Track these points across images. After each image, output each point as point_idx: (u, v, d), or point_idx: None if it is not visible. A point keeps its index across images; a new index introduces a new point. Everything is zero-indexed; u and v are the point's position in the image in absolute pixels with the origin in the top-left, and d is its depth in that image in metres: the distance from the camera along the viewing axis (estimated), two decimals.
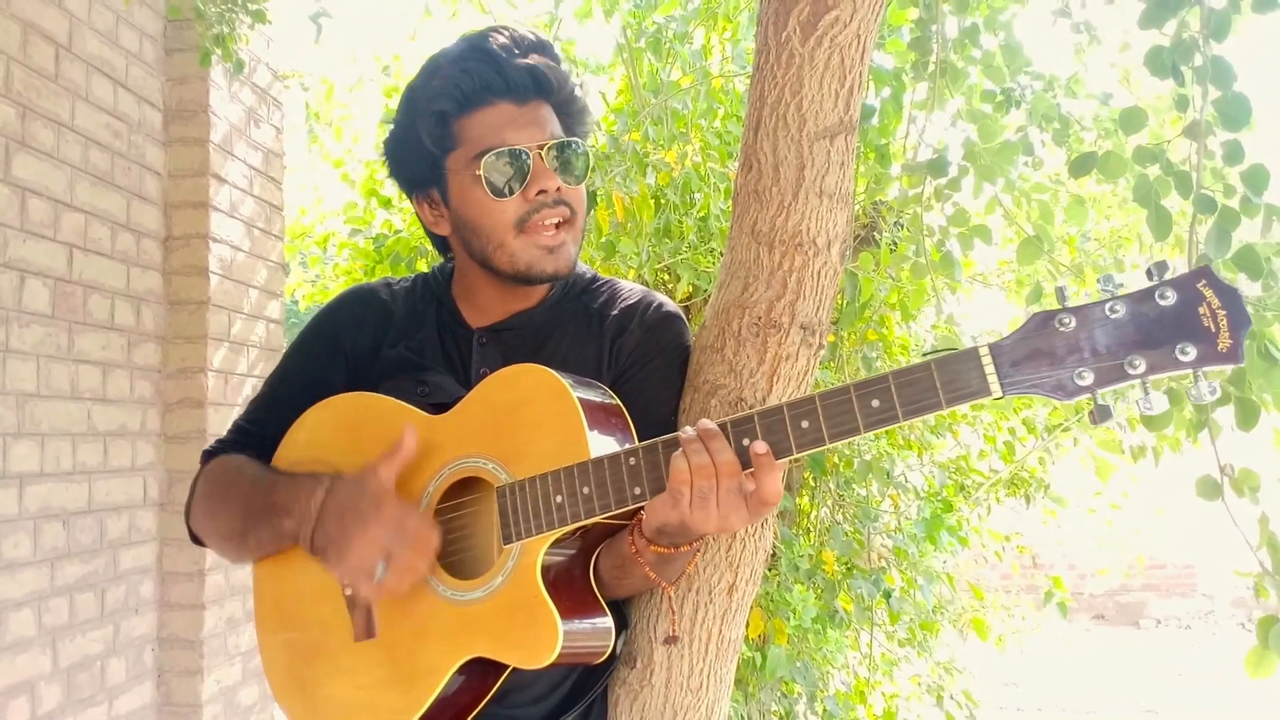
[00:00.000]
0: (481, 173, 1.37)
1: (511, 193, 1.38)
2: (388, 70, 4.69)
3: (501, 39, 1.41)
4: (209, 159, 3.69)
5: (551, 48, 1.45)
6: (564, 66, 1.46)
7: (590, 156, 1.48)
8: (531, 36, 1.43)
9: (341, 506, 1.29)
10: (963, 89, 2.17)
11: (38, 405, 3.03)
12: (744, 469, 1.15)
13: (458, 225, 1.45)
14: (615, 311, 1.48)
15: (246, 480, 1.44)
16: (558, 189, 1.39)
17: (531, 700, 1.41)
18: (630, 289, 1.53)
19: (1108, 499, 4.69)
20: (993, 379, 1.05)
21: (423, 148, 1.42)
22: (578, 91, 1.47)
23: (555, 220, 1.40)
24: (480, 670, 1.30)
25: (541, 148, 1.39)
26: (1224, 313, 0.98)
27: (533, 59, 1.40)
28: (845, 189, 1.47)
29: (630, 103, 3.25)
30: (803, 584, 3.00)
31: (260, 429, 1.53)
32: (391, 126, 1.49)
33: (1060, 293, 1.04)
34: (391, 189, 4.22)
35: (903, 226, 3.30)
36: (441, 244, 1.55)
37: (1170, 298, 1.00)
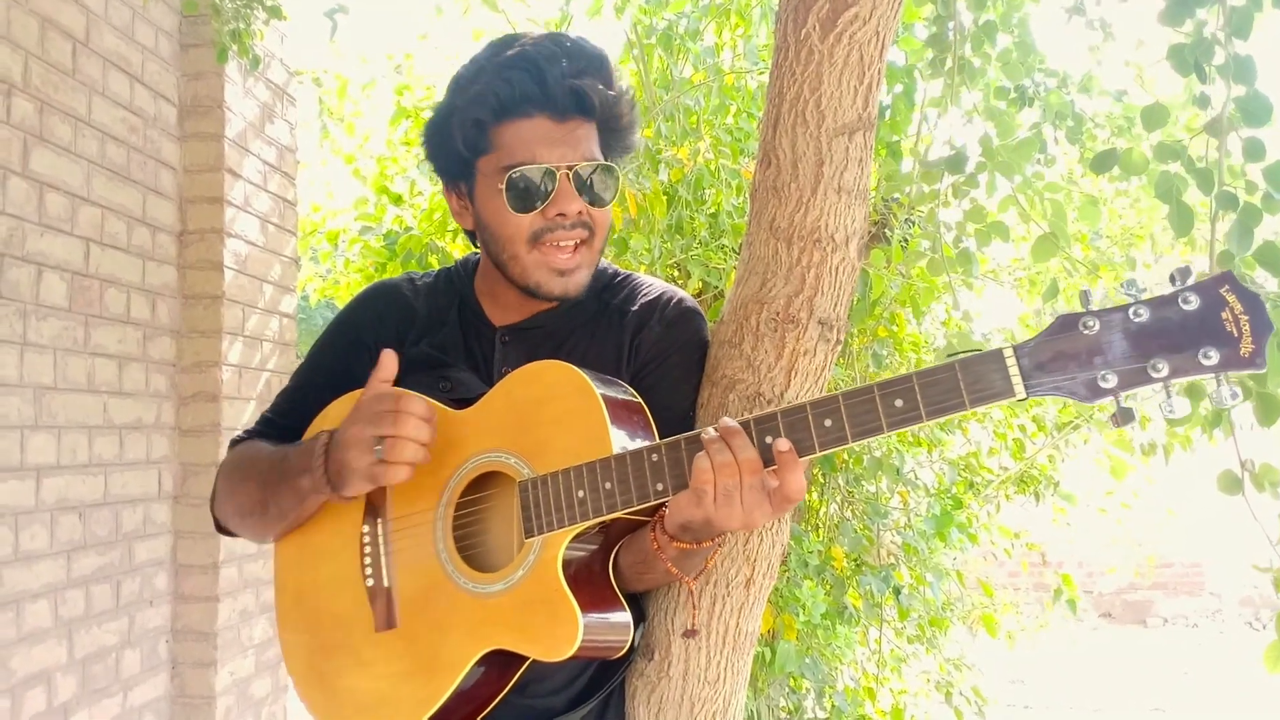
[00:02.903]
0: (504, 186, 1.37)
1: (531, 210, 1.38)
2: (400, 69, 4.71)
3: (552, 50, 1.38)
4: (224, 154, 3.71)
5: (606, 64, 1.42)
6: (617, 83, 1.43)
7: (621, 179, 1.46)
8: (587, 50, 1.41)
9: (337, 436, 1.33)
10: (979, 85, 2.17)
11: (55, 398, 3.06)
12: (766, 466, 1.16)
13: (479, 225, 1.46)
14: (635, 307, 1.49)
15: (265, 454, 1.48)
16: (579, 212, 1.39)
17: (551, 691, 1.42)
18: (650, 284, 1.54)
19: (1118, 498, 4.69)
20: (1016, 380, 1.05)
21: (456, 146, 1.42)
22: (625, 110, 1.45)
23: (571, 242, 1.40)
24: (500, 662, 1.32)
25: (570, 169, 1.37)
26: (1246, 318, 0.99)
27: (582, 78, 1.38)
28: (863, 185, 1.48)
29: (641, 99, 3.26)
30: (812, 580, 3.01)
31: (285, 421, 1.55)
32: (432, 114, 1.48)
33: (1085, 296, 1.05)
34: (402, 185, 4.24)
35: (914, 224, 3.31)
36: (470, 233, 1.56)
37: (1193, 302, 1.01)
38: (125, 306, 3.39)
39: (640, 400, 1.36)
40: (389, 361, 1.33)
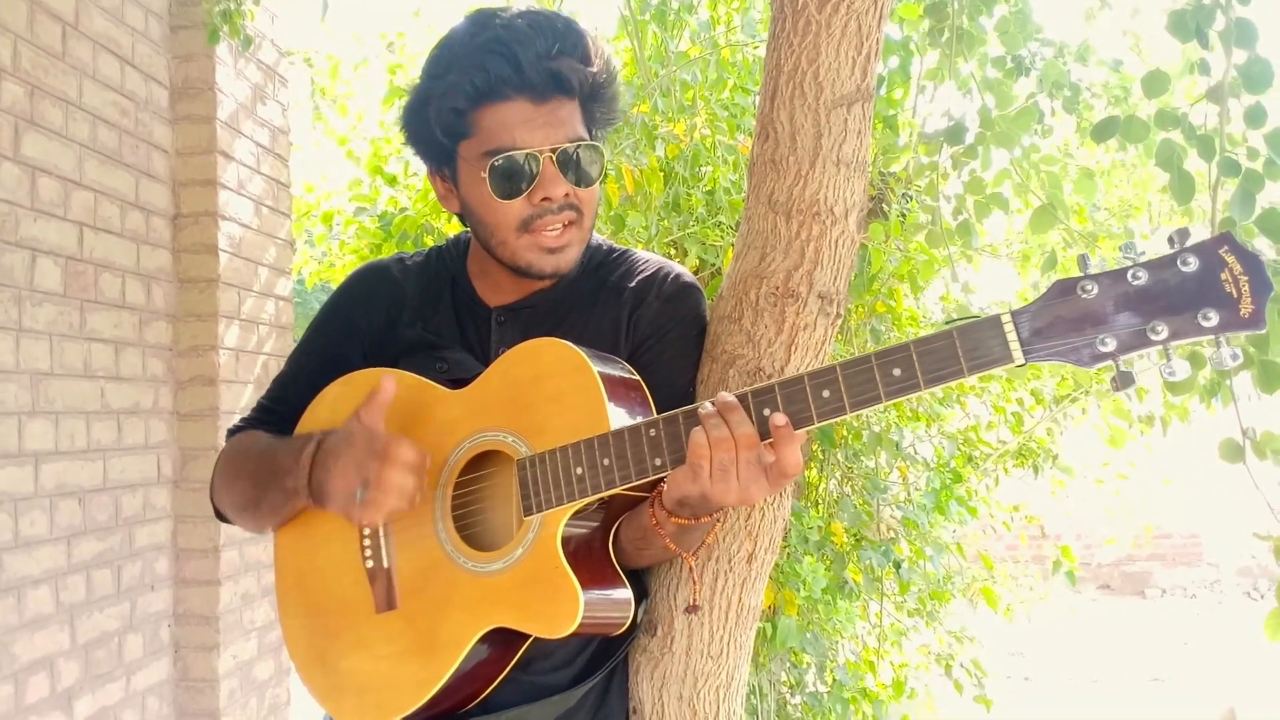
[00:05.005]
0: (486, 175, 1.34)
1: (516, 196, 1.35)
2: (392, 48, 4.67)
3: (525, 28, 1.34)
4: (216, 136, 3.68)
5: (581, 39, 1.37)
6: (596, 55, 1.38)
7: (606, 155, 1.43)
8: (561, 28, 1.36)
9: (326, 452, 1.33)
10: (977, 55, 2.15)
11: (51, 384, 3.05)
12: (763, 440, 1.16)
13: (466, 210, 1.45)
14: (633, 283, 1.48)
15: (256, 450, 1.47)
16: (565, 194, 1.36)
17: (554, 667, 1.43)
18: (647, 260, 1.52)
19: (1115, 469, 4.69)
20: (1015, 346, 1.04)
21: (434, 134, 1.39)
22: (607, 82, 1.40)
23: (560, 224, 1.38)
24: (502, 640, 1.32)
25: (554, 151, 1.35)
26: (1246, 279, 0.98)
27: (557, 54, 1.34)
28: (862, 158, 1.46)
29: (636, 75, 3.23)
30: (812, 555, 3.02)
31: (281, 406, 1.55)
32: (409, 98, 1.44)
33: (1083, 260, 1.04)
34: (397, 166, 4.22)
35: (911, 198, 3.29)
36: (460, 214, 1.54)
37: (1192, 264, 1.00)
38: (120, 291, 3.37)
39: (638, 377, 1.35)
40: (388, 385, 1.31)
